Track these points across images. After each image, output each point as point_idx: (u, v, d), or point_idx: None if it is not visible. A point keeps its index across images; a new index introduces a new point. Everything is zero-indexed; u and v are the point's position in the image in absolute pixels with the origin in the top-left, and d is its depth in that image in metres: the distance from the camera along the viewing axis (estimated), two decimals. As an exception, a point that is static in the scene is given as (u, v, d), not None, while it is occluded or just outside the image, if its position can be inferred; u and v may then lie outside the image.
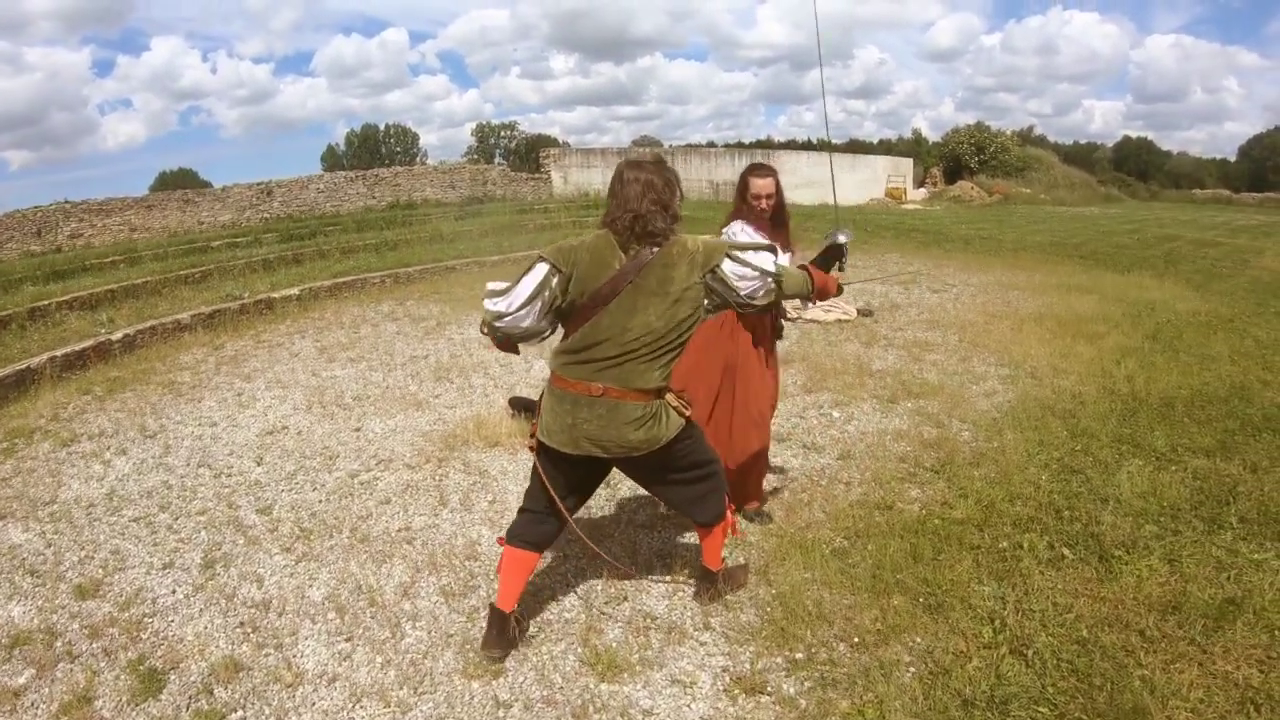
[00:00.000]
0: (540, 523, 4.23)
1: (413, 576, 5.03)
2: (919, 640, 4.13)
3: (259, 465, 6.93)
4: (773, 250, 3.94)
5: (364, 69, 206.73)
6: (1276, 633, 4.09)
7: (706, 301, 3.83)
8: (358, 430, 7.66)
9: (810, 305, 4.04)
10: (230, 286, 14.31)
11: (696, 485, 4.18)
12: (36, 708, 4.00)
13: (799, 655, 4.10)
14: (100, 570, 5.31)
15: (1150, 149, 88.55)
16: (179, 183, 59.53)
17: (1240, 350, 9.96)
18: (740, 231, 5.08)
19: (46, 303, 12.63)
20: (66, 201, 23.73)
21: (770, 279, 3.84)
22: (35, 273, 15.65)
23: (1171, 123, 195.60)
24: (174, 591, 4.99)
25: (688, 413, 3.99)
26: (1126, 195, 52.57)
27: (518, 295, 3.73)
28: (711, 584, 4.59)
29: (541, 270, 3.72)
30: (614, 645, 4.27)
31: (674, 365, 3.88)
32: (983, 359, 9.41)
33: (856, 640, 4.16)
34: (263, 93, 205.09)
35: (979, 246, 20.23)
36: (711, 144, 52.21)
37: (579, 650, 4.25)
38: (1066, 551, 4.87)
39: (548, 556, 5.12)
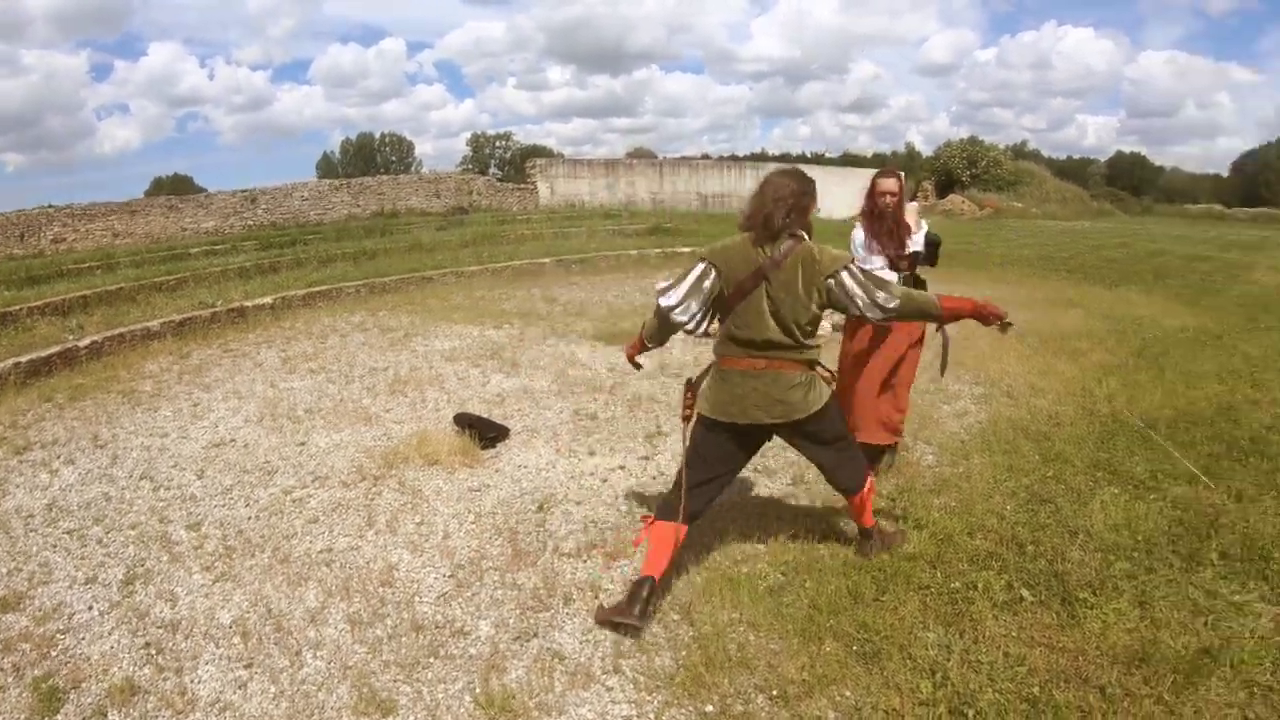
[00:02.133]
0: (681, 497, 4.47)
1: (323, 602, 4.74)
2: (848, 694, 3.69)
3: (199, 479, 6.65)
4: (894, 283, 4.37)
5: (361, 78, 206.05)
6: (1256, 689, 3.66)
7: (822, 302, 4.21)
8: (302, 445, 7.34)
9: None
10: (204, 294, 14.07)
11: (842, 453, 4.56)
12: (-65, 723, 3.83)
13: (709, 708, 3.69)
14: (25, 583, 5.12)
15: (1143, 164, 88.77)
16: (174, 189, 58.29)
17: (1229, 368, 9.55)
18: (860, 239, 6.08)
19: (17, 308, 12.33)
20: (50, 206, 23.70)
21: (884, 312, 4.19)
22: (11, 277, 15.40)
23: (1165, 138, 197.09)
24: (90, 608, 4.82)
25: (832, 386, 4.53)
26: (1119, 210, 52.34)
27: (681, 289, 4.32)
28: (869, 539, 4.90)
29: (700, 268, 4.32)
30: (513, 686, 3.92)
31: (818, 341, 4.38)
32: (957, 376, 8.88)
33: (776, 693, 3.73)
34: (260, 100, 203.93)
35: (965, 260, 19.70)
36: (706, 156, 51.77)
37: (476, 690, 3.90)
38: (1026, 593, 4.40)
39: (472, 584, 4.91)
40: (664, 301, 4.36)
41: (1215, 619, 4.17)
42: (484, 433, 7.16)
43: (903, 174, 6.16)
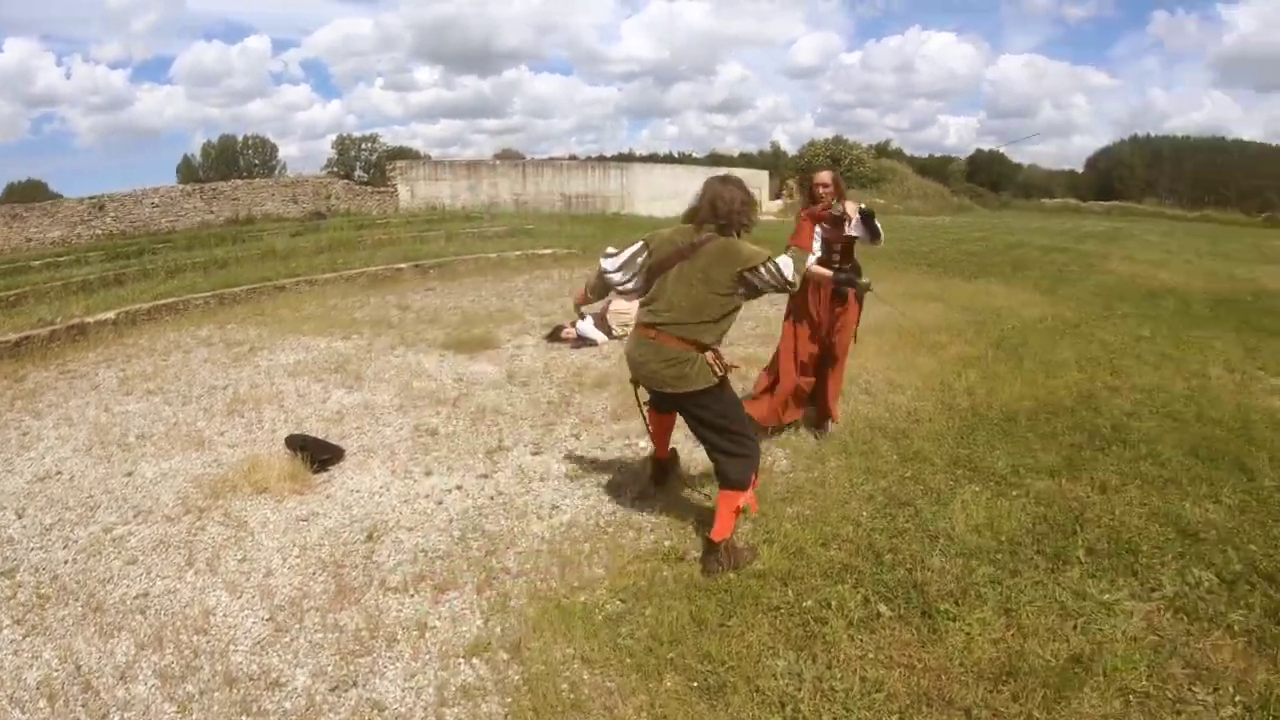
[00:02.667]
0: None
1: (134, 655, 4.24)
2: (689, 738, 3.29)
3: (19, 518, 6.02)
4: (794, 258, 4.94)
5: (225, 77, 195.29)
6: (1132, 697, 3.44)
7: (742, 290, 4.76)
8: (129, 475, 6.72)
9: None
10: (44, 310, 13.11)
11: (720, 444, 4.82)
12: None
13: (538, 761, 3.26)
14: None
15: (1002, 161, 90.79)
16: (27, 195, 54.28)
17: (1087, 356, 9.51)
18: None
19: None
20: None
21: (787, 285, 4.85)
22: None
23: (1023, 136, 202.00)
24: (-101, 674, 4.22)
25: (721, 374, 4.79)
26: (978, 205, 53.61)
27: (620, 258, 5.14)
28: (713, 555, 4.75)
29: (638, 245, 5.08)
30: (326, 745, 3.45)
31: (721, 333, 4.84)
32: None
33: (611, 739, 3.32)
34: (119, 100, 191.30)
35: None
36: (574, 156, 51.32)
37: (288, 750, 3.41)
38: (883, 608, 4.09)
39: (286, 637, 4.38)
40: (604, 264, 5.23)
41: (1085, 622, 3.97)
42: (316, 455, 6.67)
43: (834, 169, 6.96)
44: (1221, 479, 5.76)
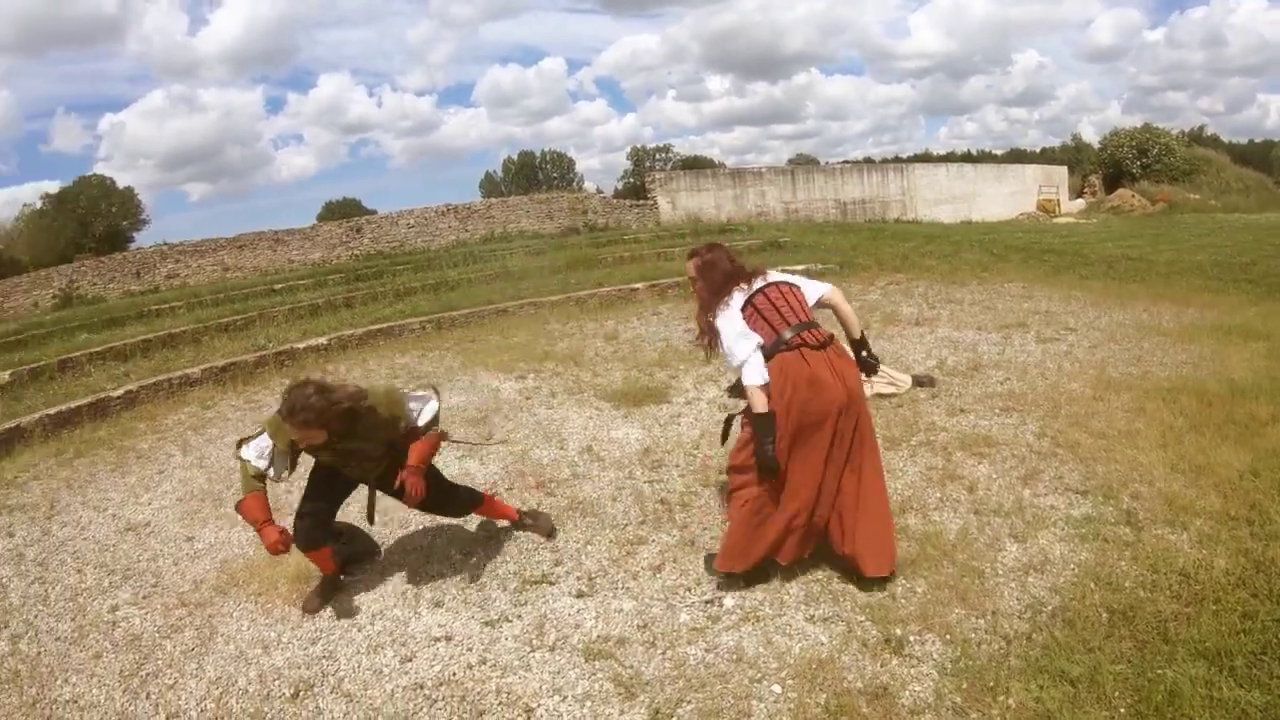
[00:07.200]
0: None
1: None
2: None
3: (81, 571, 6.04)
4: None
5: (523, 98, 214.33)
6: None
7: None
8: (190, 540, 6.43)
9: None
10: (268, 334, 13.75)
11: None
12: None
13: None
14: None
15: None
16: (344, 211, 64.84)
17: None
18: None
19: (79, 354, 12.79)
20: (165, 244, 27.19)
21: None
22: (91, 320, 16.43)
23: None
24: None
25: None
26: (1317, 197, 46.92)
27: None
28: (524, 526, 5.51)
29: None
30: None
31: None
32: (1055, 475, 5.98)
33: None
34: (426, 124, 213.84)
35: (1123, 271, 15.57)
36: (869, 159, 49.43)
37: None
38: None
39: None
40: None
41: None
42: (338, 553, 5.47)
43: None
44: None
